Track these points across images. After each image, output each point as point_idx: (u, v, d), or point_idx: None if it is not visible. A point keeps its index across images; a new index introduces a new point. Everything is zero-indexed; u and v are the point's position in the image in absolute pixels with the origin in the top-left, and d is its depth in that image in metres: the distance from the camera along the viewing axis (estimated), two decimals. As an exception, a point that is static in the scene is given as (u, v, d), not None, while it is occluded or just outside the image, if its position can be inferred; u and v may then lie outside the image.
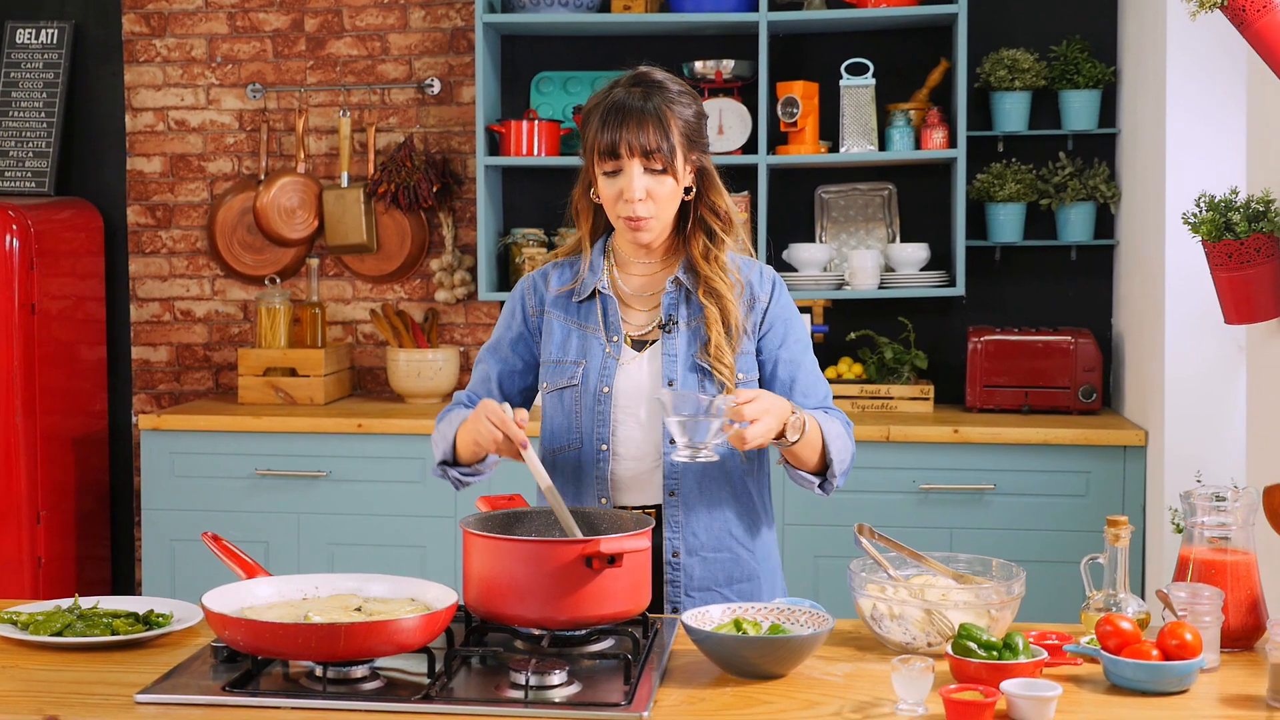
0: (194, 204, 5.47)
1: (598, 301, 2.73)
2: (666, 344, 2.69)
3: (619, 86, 2.66)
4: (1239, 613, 2.36)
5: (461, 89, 5.33)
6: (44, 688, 2.18)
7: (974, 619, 2.30)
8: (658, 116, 2.60)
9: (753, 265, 2.78)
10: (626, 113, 2.60)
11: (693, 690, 2.17)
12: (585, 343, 2.72)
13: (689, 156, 2.66)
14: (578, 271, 2.77)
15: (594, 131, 2.63)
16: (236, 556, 2.42)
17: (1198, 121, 4.22)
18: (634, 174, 2.61)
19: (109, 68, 5.47)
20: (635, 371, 2.69)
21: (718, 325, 2.67)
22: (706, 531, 2.69)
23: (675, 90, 2.66)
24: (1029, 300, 5.12)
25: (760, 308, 2.74)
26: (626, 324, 2.73)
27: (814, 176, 5.16)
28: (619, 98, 2.62)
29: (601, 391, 2.68)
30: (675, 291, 2.71)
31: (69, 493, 5.14)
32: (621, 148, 2.60)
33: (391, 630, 2.11)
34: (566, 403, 2.70)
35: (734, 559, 2.72)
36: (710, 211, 2.72)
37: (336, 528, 4.79)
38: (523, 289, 2.81)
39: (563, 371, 2.71)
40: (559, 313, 2.75)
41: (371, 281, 5.40)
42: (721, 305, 2.68)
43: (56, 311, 5.08)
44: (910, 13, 4.84)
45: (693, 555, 2.69)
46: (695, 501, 2.68)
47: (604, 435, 2.68)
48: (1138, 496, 4.46)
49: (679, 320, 2.70)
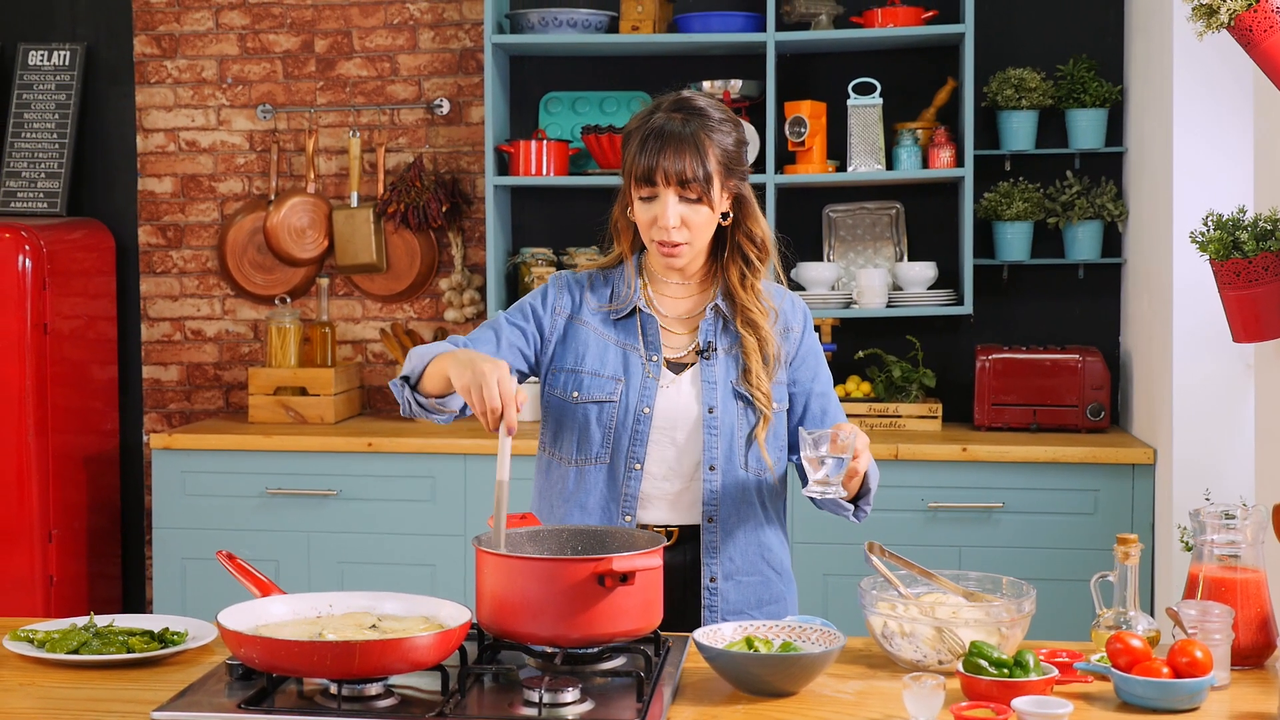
0: (205, 224, 5.50)
1: (638, 319, 2.74)
2: (705, 370, 2.71)
3: (660, 110, 2.65)
4: (1249, 630, 2.37)
5: (470, 109, 5.35)
6: (61, 705, 2.20)
7: (985, 637, 2.31)
8: (695, 145, 2.60)
9: (784, 294, 2.80)
10: (665, 139, 2.60)
11: (705, 708, 2.18)
12: (625, 359, 2.72)
13: (726, 184, 2.66)
14: (614, 286, 2.77)
15: (632, 155, 2.63)
16: (251, 575, 2.43)
17: (1205, 140, 4.23)
18: (669, 202, 2.61)
19: (120, 89, 5.50)
20: (675, 395, 2.70)
21: (756, 355, 2.69)
22: (742, 556, 2.72)
23: (716, 118, 2.65)
24: (1037, 319, 5.13)
25: (794, 338, 2.77)
26: (665, 345, 2.73)
27: (822, 195, 5.18)
28: (659, 123, 2.62)
29: (642, 412, 2.69)
30: (714, 318, 2.73)
31: (80, 512, 5.15)
32: (658, 175, 2.60)
33: (406, 648, 2.12)
34: (603, 418, 2.70)
35: (764, 582, 2.75)
36: (747, 239, 2.73)
37: (347, 546, 4.80)
38: (554, 288, 2.79)
39: (600, 385, 2.71)
40: (594, 323, 2.74)
41: (381, 301, 5.42)
42: (759, 335, 2.70)
43: (68, 331, 5.11)
44: (917, 32, 4.86)
45: (729, 580, 2.72)
46: (733, 527, 2.71)
47: (639, 454, 2.69)
48: (1146, 514, 4.46)
49: (718, 347, 2.72)
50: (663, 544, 2.39)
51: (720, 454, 2.69)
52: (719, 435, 2.69)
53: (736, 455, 2.70)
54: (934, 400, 4.95)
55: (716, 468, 2.69)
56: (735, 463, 2.70)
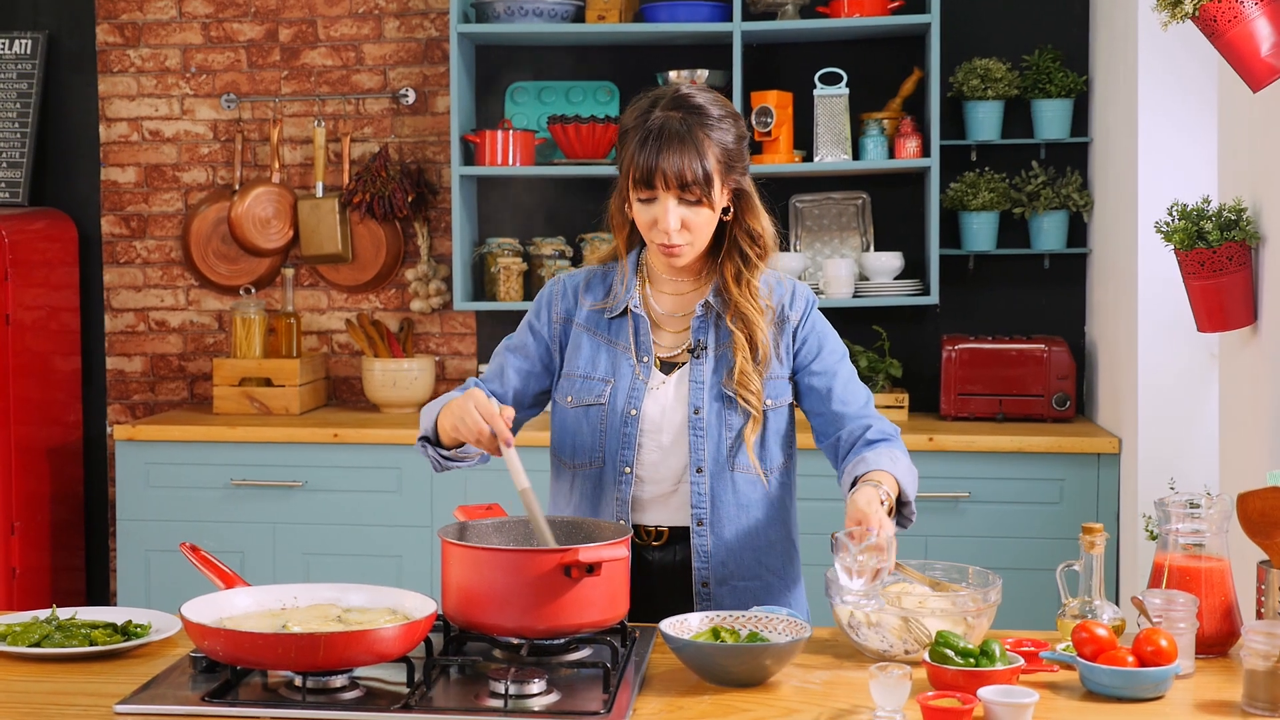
0: (168, 214, 5.46)
1: (629, 320, 2.69)
2: (694, 370, 2.65)
3: (658, 108, 2.57)
4: (1214, 619, 2.38)
5: (436, 99, 5.33)
6: (22, 698, 2.18)
7: (951, 626, 2.31)
8: (695, 145, 2.52)
9: (786, 285, 2.73)
10: (664, 140, 2.52)
11: (671, 699, 2.17)
12: (615, 361, 2.68)
13: (726, 181, 2.59)
14: (610, 285, 2.72)
15: (630, 155, 2.56)
16: (215, 567, 2.42)
17: (1169, 130, 4.25)
18: (669, 206, 2.55)
19: (83, 78, 5.46)
20: (663, 397, 2.65)
21: (744, 351, 2.62)
22: (737, 561, 2.66)
23: (716, 115, 2.57)
24: (1003, 309, 5.15)
25: (790, 328, 2.69)
26: (657, 345, 2.69)
27: (788, 186, 5.18)
28: (658, 122, 2.54)
29: (629, 414, 2.64)
30: (705, 315, 2.67)
31: (43, 503, 5.11)
32: (657, 179, 2.53)
33: (371, 640, 2.12)
34: (591, 420, 2.66)
35: (764, 586, 2.69)
36: (746, 235, 2.65)
37: (312, 537, 4.78)
38: (550, 295, 2.76)
39: (590, 388, 2.67)
40: (589, 326, 2.71)
41: (347, 291, 5.40)
42: (749, 331, 2.63)
43: (31, 322, 5.07)
44: (883, 22, 4.86)
45: (723, 585, 2.66)
46: (725, 531, 2.65)
47: (628, 458, 2.64)
48: (1111, 504, 4.48)
49: (708, 345, 2.66)
50: (628, 535, 2.38)
51: (708, 456, 2.63)
52: (705, 437, 2.63)
53: (724, 457, 2.64)
54: (900, 390, 4.96)
55: (704, 470, 2.63)
56: (724, 465, 2.64)
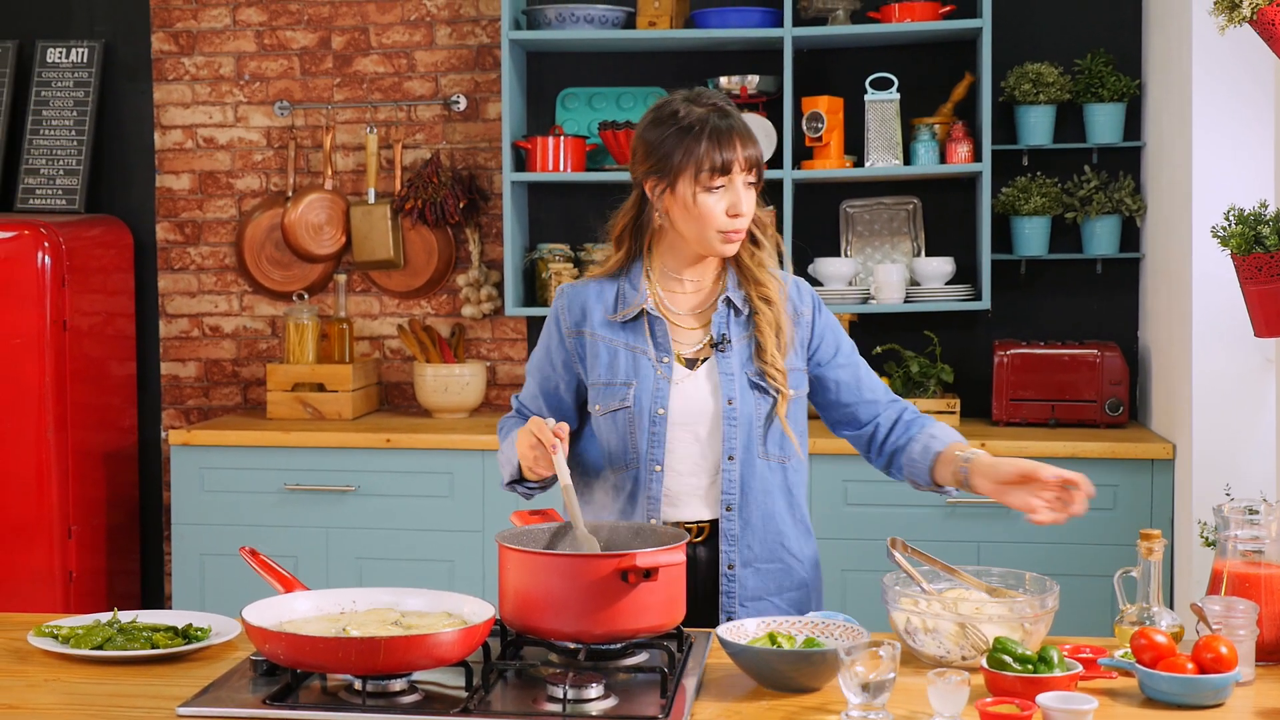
0: (222, 220, 5.51)
1: (645, 321, 2.75)
2: (722, 363, 2.73)
3: (697, 106, 2.71)
4: (1274, 626, 2.36)
5: (487, 105, 5.35)
6: (85, 700, 2.21)
7: (1008, 632, 2.31)
8: (751, 133, 2.70)
9: (787, 278, 2.83)
10: (733, 131, 2.67)
11: (729, 704, 2.18)
12: (634, 363, 2.73)
13: None
14: (620, 290, 2.78)
15: (701, 151, 2.66)
16: (274, 570, 2.44)
17: (1224, 134, 4.22)
18: (741, 190, 2.67)
19: (138, 86, 5.51)
20: (692, 389, 2.72)
21: (771, 330, 2.73)
22: (760, 543, 2.74)
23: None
24: (1055, 313, 5.12)
25: (805, 322, 2.81)
26: (677, 343, 2.76)
27: (839, 191, 5.17)
28: (713, 119, 2.68)
29: (656, 414, 2.71)
30: (726, 310, 2.76)
31: (99, 508, 5.16)
32: (735, 164, 2.66)
33: (430, 644, 2.13)
34: (620, 425, 2.73)
35: (785, 569, 2.77)
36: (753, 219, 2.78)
37: (365, 542, 4.81)
38: (557, 309, 2.83)
39: (614, 394, 2.73)
40: (603, 333, 2.77)
41: (398, 297, 5.42)
42: (774, 310, 2.74)
43: (87, 328, 5.12)
44: (934, 27, 4.85)
45: (747, 567, 2.74)
46: (750, 514, 2.73)
47: (658, 456, 2.71)
48: (1166, 510, 4.45)
49: (732, 338, 2.74)
50: (685, 539, 2.39)
51: (739, 443, 2.71)
52: (738, 426, 2.71)
53: (755, 444, 2.72)
54: (952, 396, 4.94)
55: (735, 457, 2.71)
56: (754, 451, 2.72)
